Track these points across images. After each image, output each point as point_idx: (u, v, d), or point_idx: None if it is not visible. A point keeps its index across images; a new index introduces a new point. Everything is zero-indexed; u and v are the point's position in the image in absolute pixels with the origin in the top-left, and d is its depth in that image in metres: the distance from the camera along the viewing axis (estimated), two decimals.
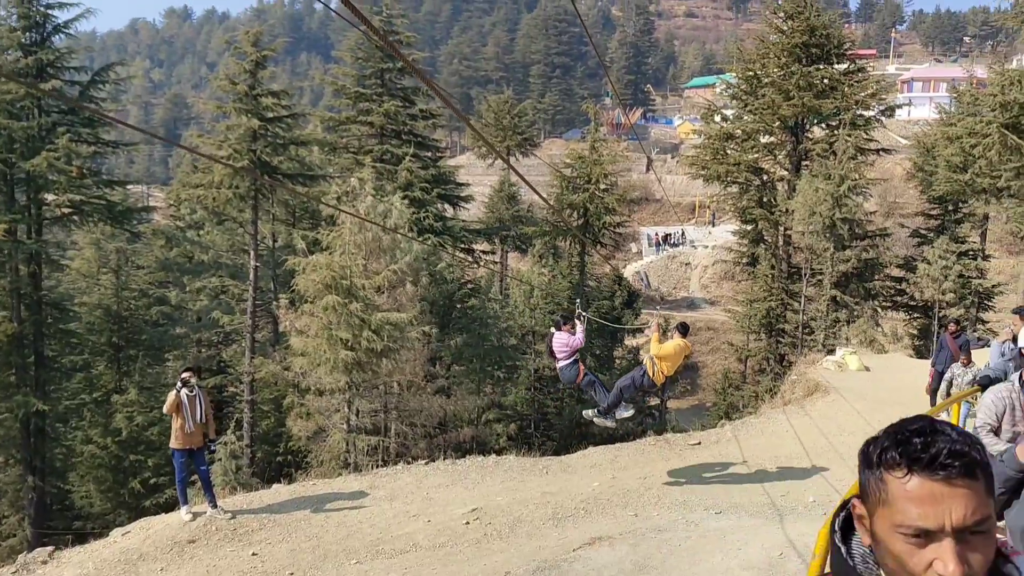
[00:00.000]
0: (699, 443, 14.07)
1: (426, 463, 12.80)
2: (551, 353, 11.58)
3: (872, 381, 17.77)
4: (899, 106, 36.74)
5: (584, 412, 12.59)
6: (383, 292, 18.40)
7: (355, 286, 16.51)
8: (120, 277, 25.33)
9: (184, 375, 10.02)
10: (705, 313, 53.48)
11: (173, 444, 10.27)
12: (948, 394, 11.93)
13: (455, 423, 22.61)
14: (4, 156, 21.39)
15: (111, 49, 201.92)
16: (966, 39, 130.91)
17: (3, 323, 20.95)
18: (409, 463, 13.05)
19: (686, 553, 8.91)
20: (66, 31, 23.22)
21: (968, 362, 12.01)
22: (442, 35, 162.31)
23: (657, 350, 11.26)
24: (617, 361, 38.63)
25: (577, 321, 11.46)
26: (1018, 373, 6.07)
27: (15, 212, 21.78)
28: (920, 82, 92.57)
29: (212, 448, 10.50)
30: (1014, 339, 7.84)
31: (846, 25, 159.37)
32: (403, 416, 19.99)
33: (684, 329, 11.77)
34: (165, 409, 10.11)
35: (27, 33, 22.38)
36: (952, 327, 13.27)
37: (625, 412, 11.94)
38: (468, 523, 10.50)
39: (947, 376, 12.15)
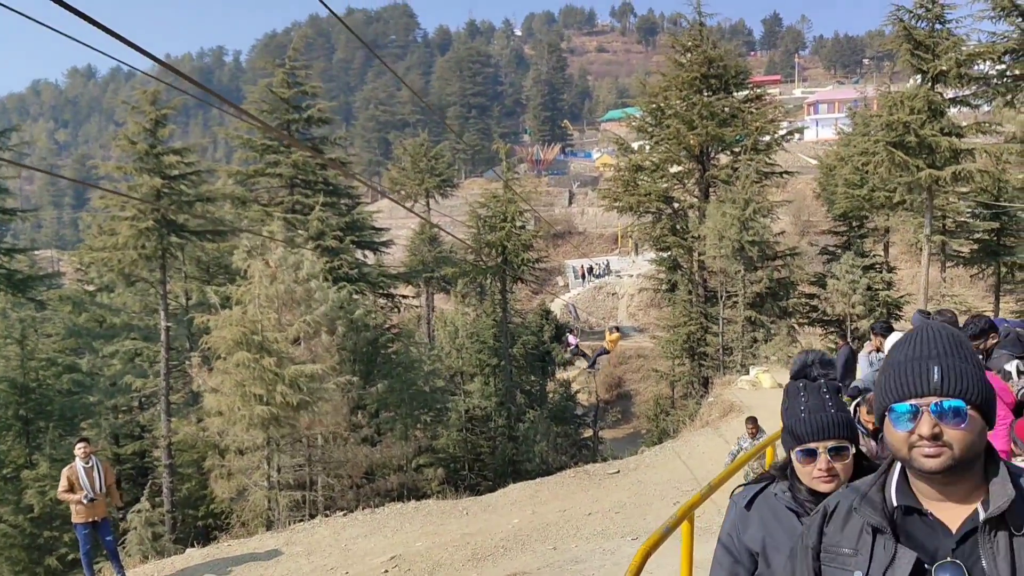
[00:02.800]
0: (618, 471, 14.22)
1: (344, 515, 12.63)
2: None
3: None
4: (798, 130, 38.25)
5: None
6: (299, 343, 18.19)
7: (267, 340, 16.27)
8: (26, 347, 24.39)
9: (78, 448, 9.72)
10: (635, 341, 54.19)
11: (75, 519, 9.93)
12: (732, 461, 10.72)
13: (383, 471, 22.31)
14: None
15: (12, 112, 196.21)
16: (865, 61, 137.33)
17: None
18: (327, 516, 12.83)
19: None
20: None
21: (755, 432, 10.82)
22: (356, 81, 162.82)
23: None
24: (550, 395, 38.91)
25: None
26: (853, 405, 6.39)
27: None
28: (825, 104, 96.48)
29: (114, 518, 10.13)
30: (878, 349, 8.21)
31: (751, 53, 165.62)
32: (328, 468, 19.67)
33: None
34: (59, 491, 9.78)
35: None
36: (839, 342, 13.72)
37: None
38: (387, 572, 10.38)
39: (733, 449, 11.22)
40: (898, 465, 1.72)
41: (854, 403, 6.68)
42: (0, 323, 26.37)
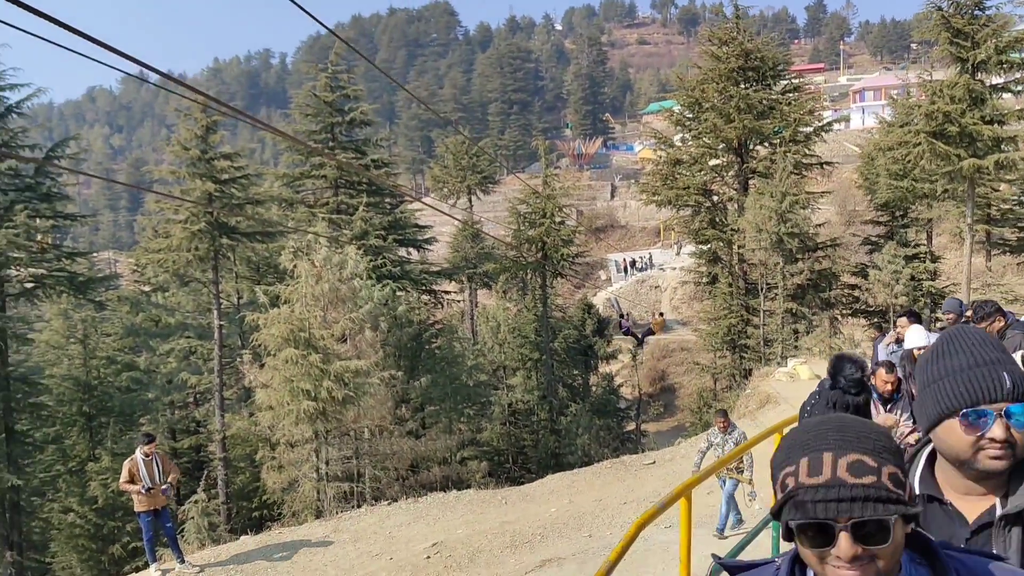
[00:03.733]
0: (653, 462, 14.57)
1: (388, 504, 13.19)
2: None
3: None
4: (840, 120, 37.89)
5: None
6: (344, 340, 18.84)
7: (314, 337, 16.94)
8: (88, 346, 25.54)
9: (145, 447, 10.38)
10: (678, 334, 54.16)
11: (138, 508, 10.63)
12: (699, 466, 10.08)
13: (427, 464, 22.92)
14: None
15: (70, 118, 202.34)
16: (912, 46, 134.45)
17: None
18: (372, 505, 13.42)
19: (630, 566, 9.37)
20: (18, 111, 23.68)
21: (726, 426, 10.13)
22: (399, 80, 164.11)
23: None
24: (593, 389, 39.27)
25: None
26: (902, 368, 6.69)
27: None
28: (871, 91, 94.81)
29: (165, 492, 10.64)
30: (897, 341, 8.41)
31: (794, 41, 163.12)
32: (375, 461, 20.31)
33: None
34: (121, 482, 10.46)
35: None
36: (874, 332, 13.73)
37: None
38: (429, 557, 10.91)
39: (702, 446, 10.49)
40: (923, 456, 1.75)
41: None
42: (63, 324, 27.66)
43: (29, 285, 24.32)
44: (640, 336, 52.27)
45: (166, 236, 24.39)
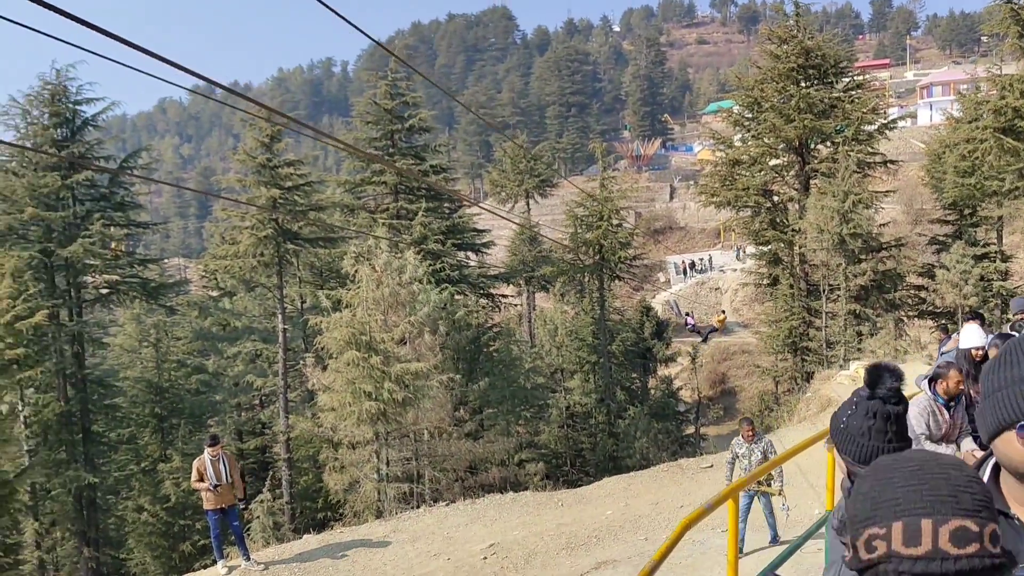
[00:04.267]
0: (711, 466, 14.51)
1: (447, 504, 13.43)
2: None
3: None
4: (907, 116, 36.97)
5: None
6: (404, 343, 19.19)
7: (375, 340, 17.31)
8: (160, 350, 26.51)
9: (210, 449, 10.81)
10: (739, 336, 53.50)
11: (206, 506, 11.06)
12: (730, 478, 9.72)
13: (485, 465, 23.15)
14: (44, 245, 22.81)
15: (142, 129, 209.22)
16: (982, 39, 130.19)
17: (51, 403, 22.13)
18: (431, 506, 13.67)
19: (685, 570, 9.42)
20: (94, 124, 24.75)
21: (753, 435, 9.63)
22: (457, 86, 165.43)
23: None
24: (651, 392, 39.06)
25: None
26: (926, 380, 6.60)
27: (56, 297, 23.10)
28: (939, 86, 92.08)
29: (240, 507, 11.17)
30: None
31: (859, 37, 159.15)
32: (434, 462, 20.62)
33: None
34: (192, 481, 10.92)
35: (59, 129, 23.93)
36: (940, 335, 13.45)
37: None
38: (486, 558, 11.09)
39: (728, 458, 9.97)
40: (989, 467, 1.66)
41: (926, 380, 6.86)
42: (137, 328, 28.76)
43: (104, 291, 25.41)
44: (705, 333, 53.39)
45: (233, 243, 25.17)
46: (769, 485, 9.49)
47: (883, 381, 2.37)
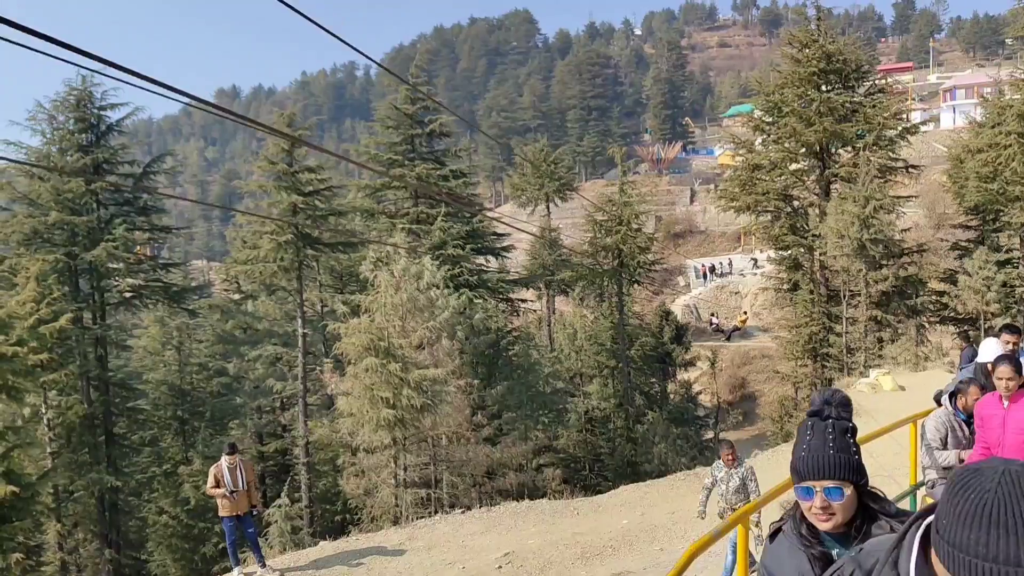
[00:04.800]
0: None
1: (462, 512, 13.47)
2: None
3: (906, 401, 17.86)
4: (927, 121, 36.58)
5: None
6: (422, 349, 19.27)
7: (393, 346, 17.39)
8: (182, 352, 26.79)
9: (228, 457, 10.91)
10: (759, 341, 53.16)
11: (221, 512, 11.17)
12: (706, 503, 9.45)
13: (503, 471, 23.17)
14: (68, 249, 23.13)
15: (168, 133, 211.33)
16: (1007, 41, 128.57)
17: (74, 405, 22.41)
18: (447, 513, 13.72)
19: None
20: (119, 130, 25.08)
21: (733, 459, 9.20)
22: (479, 89, 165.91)
23: None
24: (671, 396, 38.92)
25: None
26: (947, 395, 6.58)
27: (80, 301, 23.41)
28: (962, 89, 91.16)
29: (255, 513, 11.28)
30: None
31: (881, 40, 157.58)
32: (451, 467, 20.68)
33: None
34: (208, 487, 11.02)
35: (84, 134, 24.28)
36: (962, 343, 13.24)
37: None
38: (500, 567, 11.12)
39: (707, 482, 9.58)
40: (916, 542, 1.48)
41: (947, 395, 6.84)
42: (160, 331, 29.04)
43: (128, 295, 25.72)
44: (728, 332, 54.93)
45: (254, 247, 25.39)
46: (757, 524, 8.86)
47: (830, 399, 2.49)
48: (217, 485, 10.85)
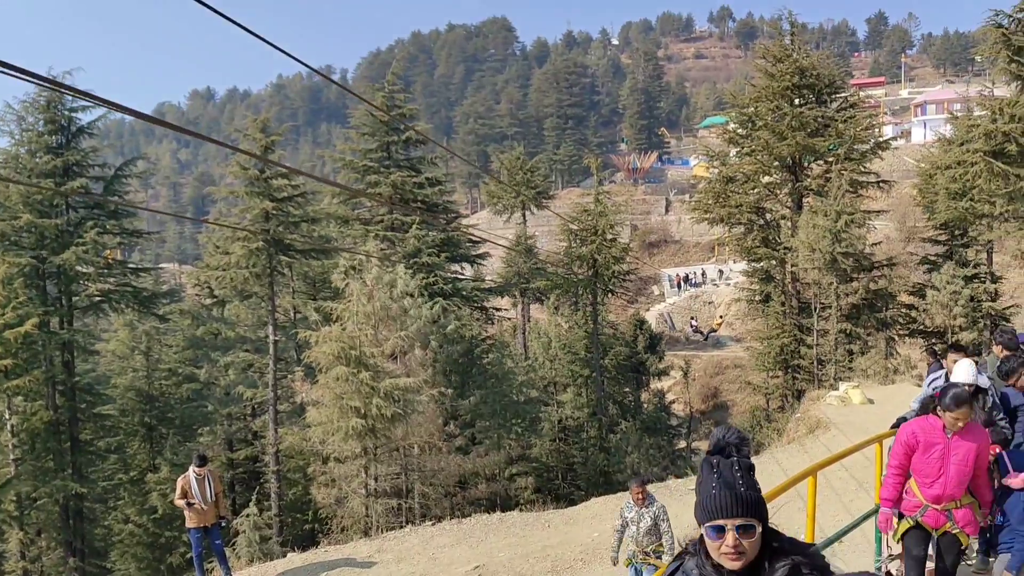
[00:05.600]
0: None
1: (433, 524, 13.39)
2: None
3: (874, 414, 18.05)
4: (895, 138, 37.12)
5: None
6: (395, 358, 19.17)
7: (364, 355, 17.29)
8: (151, 358, 26.44)
9: (197, 468, 10.77)
10: (732, 351, 53.55)
11: (188, 524, 11.04)
12: (618, 550, 8.95)
13: (475, 480, 23.11)
14: (36, 252, 22.77)
15: (140, 134, 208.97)
16: (976, 59, 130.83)
17: (39, 411, 22.04)
18: (417, 524, 13.63)
19: None
20: (90, 132, 24.74)
21: (643, 498, 8.72)
22: (457, 96, 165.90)
23: None
24: (644, 406, 39.04)
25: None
26: (916, 413, 6.61)
27: (47, 305, 23.05)
28: (933, 104, 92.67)
29: (223, 525, 11.17)
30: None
31: (855, 54, 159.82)
32: (423, 477, 20.58)
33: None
34: (175, 498, 10.88)
35: (54, 136, 23.92)
36: (929, 358, 13.30)
37: None
38: None
39: (617, 524, 8.99)
40: None
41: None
42: (129, 335, 28.65)
43: (96, 299, 25.33)
44: (706, 333, 57.41)
45: (226, 253, 25.14)
46: (659, 558, 8.56)
47: (725, 438, 2.49)
48: (184, 496, 10.71)
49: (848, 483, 12.55)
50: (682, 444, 38.75)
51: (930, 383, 8.73)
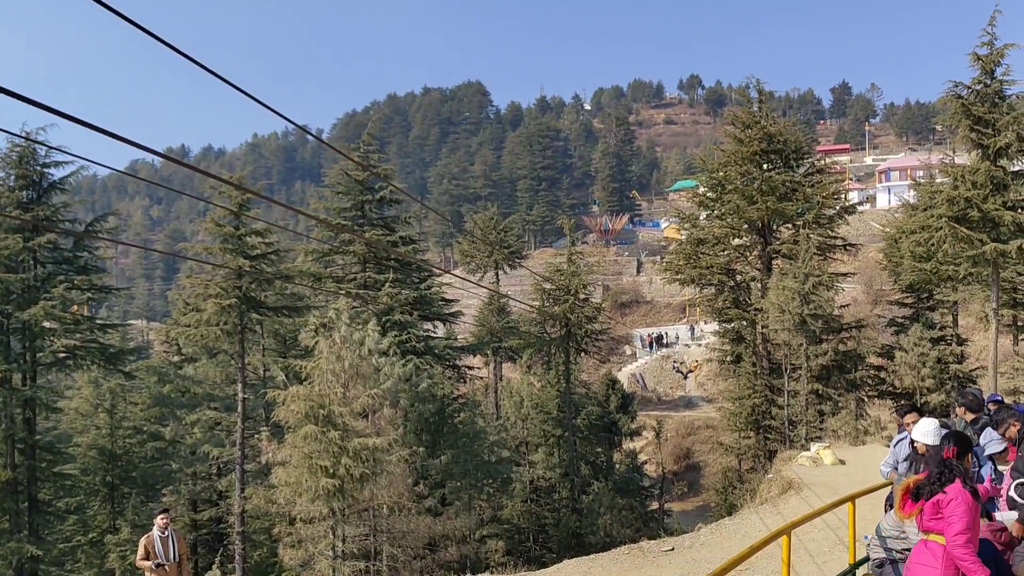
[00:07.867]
0: (672, 549, 14.37)
1: None
2: None
3: (846, 475, 18.12)
4: (861, 203, 38.05)
5: None
6: (365, 417, 18.96)
7: (333, 414, 17.08)
8: (115, 415, 25.90)
9: (159, 518, 10.53)
10: (703, 411, 53.61)
11: None
12: None
13: (445, 543, 22.71)
14: (1, 307, 22.38)
15: (112, 190, 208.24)
16: (937, 127, 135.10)
17: None
18: None
19: None
20: (61, 188, 24.62)
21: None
22: (431, 157, 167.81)
23: None
24: (616, 466, 38.76)
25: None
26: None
27: (10, 361, 22.58)
28: (897, 171, 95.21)
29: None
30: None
31: (820, 122, 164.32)
32: (392, 539, 20.19)
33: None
34: (137, 558, 10.58)
35: (25, 191, 23.73)
36: (898, 418, 13.31)
37: None
38: None
39: None
40: None
41: None
42: (93, 392, 28.10)
43: (62, 355, 24.86)
44: (685, 373, 60.57)
45: (197, 310, 24.92)
46: None
47: None
48: (147, 557, 10.43)
49: (822, 544, 12.53)
50: (655, 505, 38.42)
51: (895, 444, 8.86)
